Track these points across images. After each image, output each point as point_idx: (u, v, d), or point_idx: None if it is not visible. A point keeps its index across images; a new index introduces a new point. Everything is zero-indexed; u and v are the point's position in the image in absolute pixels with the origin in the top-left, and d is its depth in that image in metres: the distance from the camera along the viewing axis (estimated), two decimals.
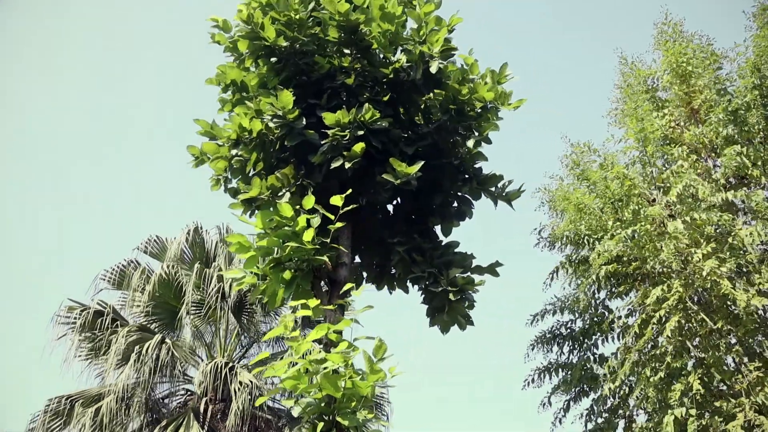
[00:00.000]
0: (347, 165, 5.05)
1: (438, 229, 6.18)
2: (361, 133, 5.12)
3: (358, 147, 5.01)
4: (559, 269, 10.20)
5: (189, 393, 11.24)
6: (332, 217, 5.03)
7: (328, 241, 5.17)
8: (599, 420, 9.11)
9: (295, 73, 5.73)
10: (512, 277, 7.05)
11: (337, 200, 4.93)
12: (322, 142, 5.21)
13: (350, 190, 5.16)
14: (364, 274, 5.94)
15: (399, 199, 6.13)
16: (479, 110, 5.41)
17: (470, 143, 5.39)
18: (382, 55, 5.59)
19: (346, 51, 5.54)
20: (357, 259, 6.14)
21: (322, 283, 5.43)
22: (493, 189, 5.76)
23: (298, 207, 5.29)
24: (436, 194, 5.82)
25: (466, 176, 5.74)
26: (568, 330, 10.00)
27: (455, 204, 6.05)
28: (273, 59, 5.64)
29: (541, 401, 9.86)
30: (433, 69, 5.17)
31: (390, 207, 6.29)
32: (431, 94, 5.66)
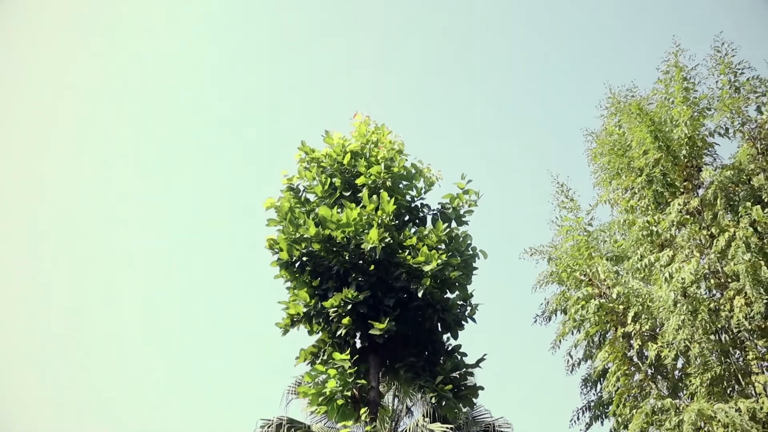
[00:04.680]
0: (343, 332, 7.78)
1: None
2: (349, 307, 7.83)
3: (346, 320, 7.73)
4: (563, 332, 11.40)
5: None
6: (346, 365, 7.77)
7: (353, 378, 7.88)
8: None
9: (315, 267, 8.66)
10: None
11: (339, 356, 7.69)
12: (330, 318, 8.01)
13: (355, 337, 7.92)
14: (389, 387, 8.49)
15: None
16: (418, 269, 7.83)
17: (420, 293, 7.79)
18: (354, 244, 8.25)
19: (334, 250, 8.34)
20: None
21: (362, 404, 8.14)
22: (458, 310, 8.11)
23: (330, 360, 8.18)
24: (424, 322, 8.27)
25: (436, 306, 8.10)
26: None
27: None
28: (296, 265, 8.62)
29: None
30: (378, 255, 7.76)
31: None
32: (397, 258, 8.21)
